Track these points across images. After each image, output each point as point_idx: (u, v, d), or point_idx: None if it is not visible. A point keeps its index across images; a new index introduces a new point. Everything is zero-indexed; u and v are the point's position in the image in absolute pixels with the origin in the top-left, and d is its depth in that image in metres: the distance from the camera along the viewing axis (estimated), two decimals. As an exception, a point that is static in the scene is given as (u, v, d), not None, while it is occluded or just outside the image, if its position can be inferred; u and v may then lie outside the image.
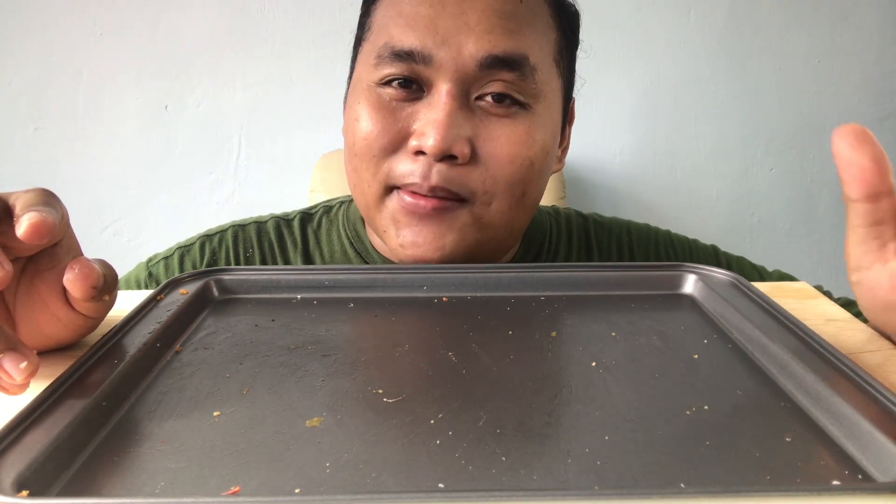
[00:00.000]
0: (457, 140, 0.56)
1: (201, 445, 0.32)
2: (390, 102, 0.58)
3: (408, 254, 0.59)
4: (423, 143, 0.56)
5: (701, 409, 0.35)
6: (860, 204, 0.39)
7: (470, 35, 0.56)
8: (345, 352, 0.42)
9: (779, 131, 1.59)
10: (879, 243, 0.40)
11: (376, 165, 0.58)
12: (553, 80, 0.62)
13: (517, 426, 0.33)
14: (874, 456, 0.30)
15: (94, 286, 0.38)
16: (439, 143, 0.55)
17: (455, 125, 0.56)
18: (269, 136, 1.52)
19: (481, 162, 0.58)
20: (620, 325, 0.46)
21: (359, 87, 0.61)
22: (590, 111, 1.53)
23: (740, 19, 1.53)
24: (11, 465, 0.28)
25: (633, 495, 0.27)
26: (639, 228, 0.77)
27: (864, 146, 0.38)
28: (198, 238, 0.71)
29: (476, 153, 0.57)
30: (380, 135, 0.58)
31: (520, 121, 0.59)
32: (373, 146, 0.58)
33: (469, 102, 0.58)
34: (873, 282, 0.41)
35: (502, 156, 0.58)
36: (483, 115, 0.58)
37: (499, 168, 0.58)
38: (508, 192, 0.59)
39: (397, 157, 0.58)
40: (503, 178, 0.58)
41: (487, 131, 0.58)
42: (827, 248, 1.64)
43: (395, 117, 0.58)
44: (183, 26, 1.47)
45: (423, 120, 0.57)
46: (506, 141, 0.58)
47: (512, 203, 0.59)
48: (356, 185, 0.62)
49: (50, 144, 1.49)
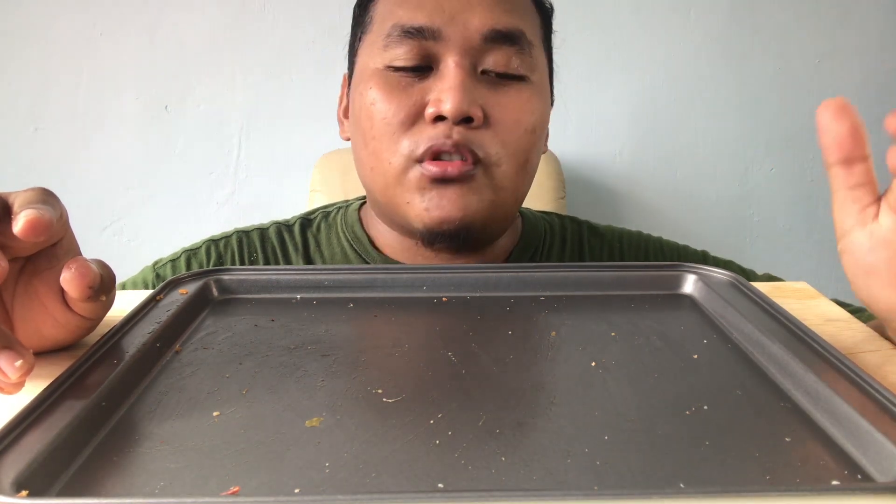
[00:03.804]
0: (472, 104, 0.60)
1: (201, 445, 0.32)
2: (400, 82, 0.62)
3: (433, 216, 0.62)
4: (442, 108, 0.60)
5: (701, 409, 0.35)
6: (837, 167, 0.42)
7: (474, 13, 0.61)
8: (345, 352, 0.42)
9: (779, 131, 1.59)
10: (859, 207, 0.42)
11: (396, 142, 0.62)
12: (542, 58, 0.67)
13: (517, 426, 0.33)
14: (874, 456, 0.30)
15: (90, 286, 0.38)
16: (458, 104, 0.59)
17: (468, 90, 0.60)
18: (269, 137, 1.52)
19: (492, 126, 0.62)
20: (620, 325, 0.46)
21: (365, 74, 0.64)
22: (590, 111, 1.53)
23: (740, 19, 1.53)
24: (11, 465, 0.28)
25: (633, 495, 0.27)
26: (630, 235, 0.79)
27: (843, 116, 0.41)
28: (203, 242, 0.73)
29: (487, 117, 0.61)
30: (396, 111, 0.61)
31: (522, 89, 0.63)
32: (391, 123, 0.61)
33: (476, 74, 0.62)
34: (854, 245, 0.42)
35: (510, 121, 0.62)
36: (489, 85, 0.62)
37: (507, 132, 0.62)
38: (515, 156, 0.63)
39: (416, 129, 0.61)
40: (512, 143, 0.62)
41: (496, 98, 0.62)
42: (827, 248, 1.64)
43: (407, 93, 0.61)
44: (183, 26, 1.47)
45: (437, 90, 0.61)
46: (512, 107, 0.62)
47: (518, 168, 0.64)
48: (374, 166, 0.64)
49: (50, 144, 1.49)
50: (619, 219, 1.54)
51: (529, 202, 0.80)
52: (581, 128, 1.53)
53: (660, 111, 1.56)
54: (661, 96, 1.55)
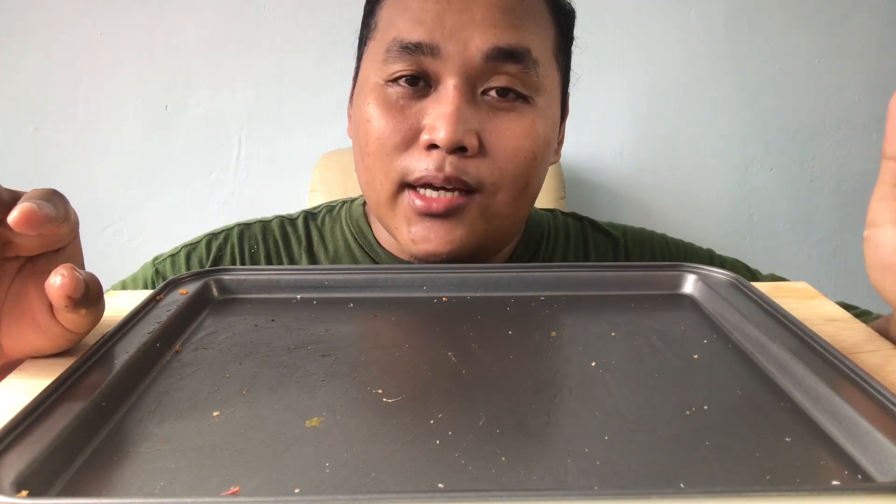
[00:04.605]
0: (466, 133, 0.58)
1: (201, 445, 0.32)
2: (398, 101, 0.60)
3: (419, 248, 0.60)
4: (435, 137, 0.58)
5: (701, 409, 0.35)
6: (893, 161, 0.41)
7: (475, 29, 0.58)
8: (345, 352, 0.42)
9: (779, 131, 1.59)
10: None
11: (389, 164, 0.60)
12: (552, 74, 0.64)
13: (517, 426, 0.33)
14: (874, 456, 0.30)
15: (69, 295, 0.37)
16: (450, 136, 0.57)
17: (464, 118, 0.58)
18: (269, 136, 1.52)
19: (488, 154, 0.59)
20: (620, 325, 0.46)
21: (367, 86, 0.62)
22: (590, 111, 1.53)
23: (740, 19, 1.53)
24: (11, 465, 0.28)
25: (633, 495, 0.27)
26: (634, 231, 0.78)
27: None
28: (203, 237, 0.72)
29: (483, 145, 0.59)
30: (392, 133, 0.59)
31: (524, 114, 0.61)
32: (385, 145, 0.60)
33: (475, 97, 0.60)
34: (882, 240, 0.42)
35: (508, 149, 0.60)
36: (488, 109, 0.60)
37: (505, 161, 0.60)
38: (513, 184, 0.61)
39: (410, 153, 0.59)
40: (509, 171, 0.60)
41: (493, 124, 0.59)
42: (827, 248, 1.64)
43: (404, 115, 0.59)
44: (183, 26, 1.47)
45: (432, 115, 0.59)
46: (511, 134, 0.60)
47: (516, 195, 0.61)
48: (368, 182, 0.63)
49: (50, 145, 1.49)
50: (619, 219, 1.53)
51: (529, 202, 0.80)
52: (581, 128, 1.53)
53: (660, 111, 1.56)
54: (661, 96, 1.55)
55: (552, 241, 0.74)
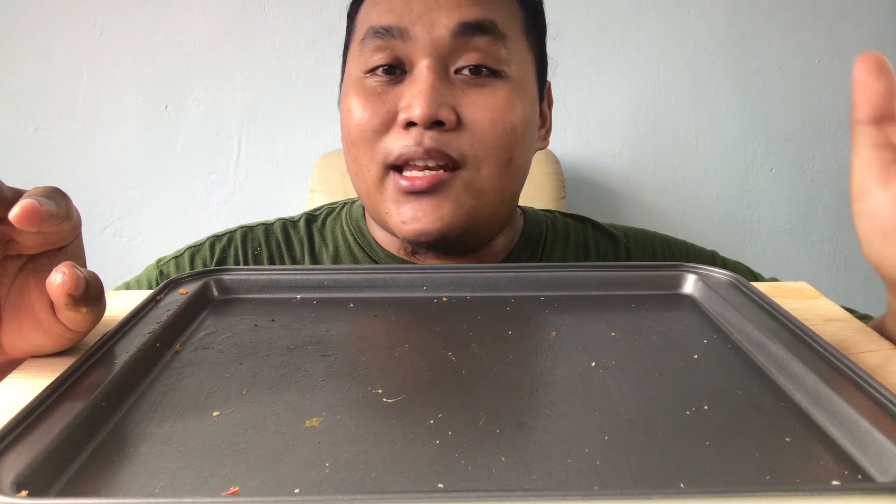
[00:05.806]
0: (442, 107, 0.60)
1: (201, 445, 0.32)
2: (376, 88, 0.62)
3: (409, 228, 0.62)
4: (412, 114, 0.59)
5: (701, 409, 0.35)
6: (866, 126, 0.41)
7: (441, 11, 0.61)
8: (345, 352, 0.42)
9: (779, 131, 1.59)
10: (882, 166, 0.41)
11: (372, 148, 0.62)
12: (524, 52, 0.66)
13: (517, 426, 0.33)
14: (874, 456, 0.30)
15: (69, 293, 0.37)
16: (426, 109, 0.59)
17: (438, 94, 0.60)
18: (269, 136, 1.52)
19: (466, 127, 0.61)
20: (620, 325, 0.46)
21: (348, 82, 0.65)
22: (590, 111, 1.53)
23: (740, 19, 1.53)
24: (11, 465, 0.28)
25: (633, 495, 0.27)
26: (636, 232, 0.78)
27: (881, 73, 0.40)
28: (207, 239, 0.73)
29: (461, 119, 0.61)
30: (371, 118, 0.62)
31: (498, 88, 0.62)
32: (366, 130, 0.62)
33: (448, 75, 0.62)
34: (874, 206, 0.41)
35: (485, 121, 0.61)
36: (463, 86, 0.62)
37: (484, 132, 0.61)
38: (495, 156, 0.62)
39: (390, 135, 0.62)
40: (489, 142, 0.61)
41: (469, 99, 0.61)
42: (827, 248, 1.64)
43: (381, 100, 0.62)
44: (183, 26, 1.47)
45: (408, 95, 0.61)
46: (487, 107, 0.61)
47: (500, 168, 0.62)
48: (357, 172, 0.65)
49: (50, 144, 1.49)
50: (619, 219, 1.54)
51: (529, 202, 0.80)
52: (581, 128, 1.53)
53: (660, 111, 1.56)
54: (661, 96, 1.55)
55: (550, 241, 0.74)
